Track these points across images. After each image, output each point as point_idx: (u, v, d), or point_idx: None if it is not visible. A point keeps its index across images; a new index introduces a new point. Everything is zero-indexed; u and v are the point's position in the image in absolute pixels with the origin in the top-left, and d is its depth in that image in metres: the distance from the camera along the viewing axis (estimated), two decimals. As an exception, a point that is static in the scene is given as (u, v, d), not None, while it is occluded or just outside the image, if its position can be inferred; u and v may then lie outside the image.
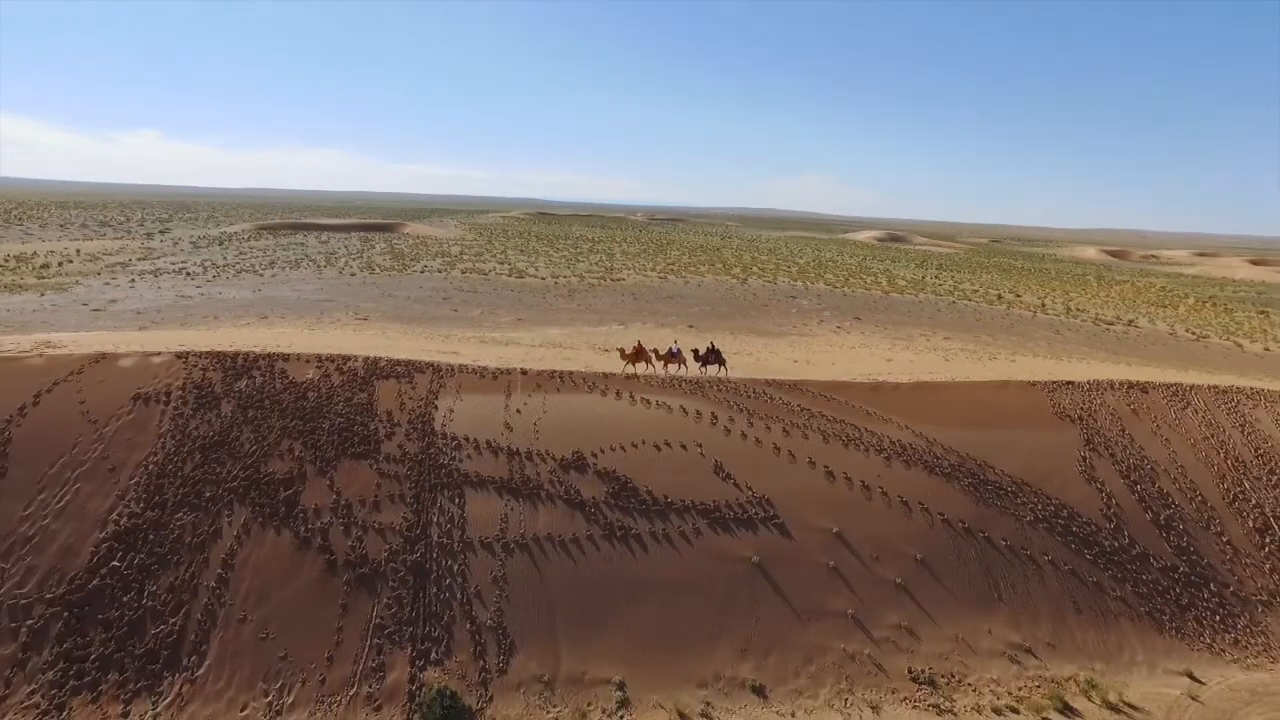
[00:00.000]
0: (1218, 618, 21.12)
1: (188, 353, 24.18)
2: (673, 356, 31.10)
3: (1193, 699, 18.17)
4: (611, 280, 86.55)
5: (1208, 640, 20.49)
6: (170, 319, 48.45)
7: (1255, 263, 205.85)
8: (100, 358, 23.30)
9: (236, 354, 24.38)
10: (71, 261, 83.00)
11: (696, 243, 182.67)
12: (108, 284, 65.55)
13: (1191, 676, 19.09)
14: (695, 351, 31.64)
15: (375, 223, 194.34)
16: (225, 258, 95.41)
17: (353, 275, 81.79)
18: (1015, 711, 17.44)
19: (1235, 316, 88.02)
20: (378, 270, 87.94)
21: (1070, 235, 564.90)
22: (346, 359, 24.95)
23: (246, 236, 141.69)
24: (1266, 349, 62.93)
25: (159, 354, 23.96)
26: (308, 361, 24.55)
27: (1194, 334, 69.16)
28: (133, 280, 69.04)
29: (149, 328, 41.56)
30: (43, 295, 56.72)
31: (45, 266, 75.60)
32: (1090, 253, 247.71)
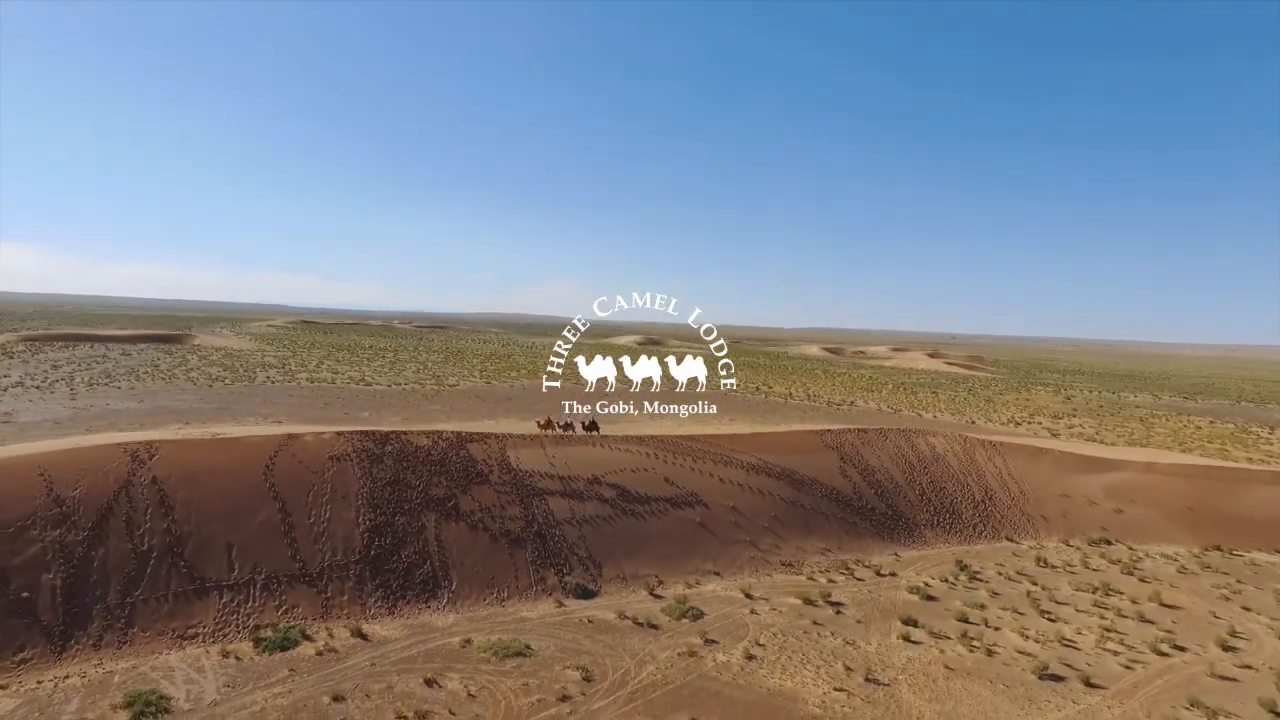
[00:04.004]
0: (905, 532, 43.86)
1: (341, 431, 37.97)
2: (568, 426, 48.76)
3: (896, 559, 40.07)
4: (449, 386, 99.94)
5: (903, 541, 43.00)
6: (100, 426, 54.13)
7: (931, 355, 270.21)
8: (291, 436, 36.41)
9: (373, 431, 38.57)
10: None
11: (485, 350, 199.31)
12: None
13: (896, 554, 41.16)
14: (582, 423, 49.87)
15: (160, 334, 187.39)
16: (46, 372, 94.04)
17: (209, 386, 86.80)
18: (828, 572, 37.67)
19: (917, 396, 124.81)
20: (226, 381, 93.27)
21: (794, 335, 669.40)
22: (440, 432, 40.14)
23: (22, 349, 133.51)
24: (935, 416, 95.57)
25: (325, 433, 37.51)
26: (418, 434, 39.41)
27: (892, 409, 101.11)
28: (-13, 395, 70.96)
29: (89, 433, 49.04)
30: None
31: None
32: (814, 350, 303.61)
